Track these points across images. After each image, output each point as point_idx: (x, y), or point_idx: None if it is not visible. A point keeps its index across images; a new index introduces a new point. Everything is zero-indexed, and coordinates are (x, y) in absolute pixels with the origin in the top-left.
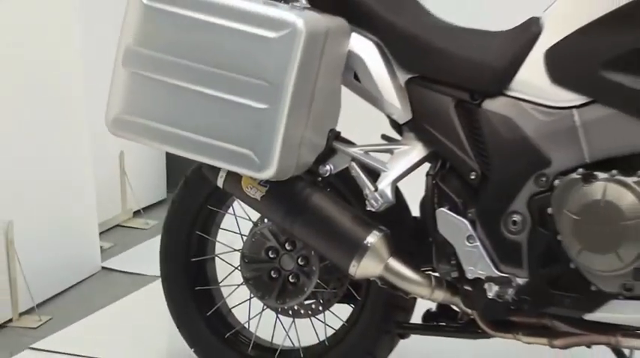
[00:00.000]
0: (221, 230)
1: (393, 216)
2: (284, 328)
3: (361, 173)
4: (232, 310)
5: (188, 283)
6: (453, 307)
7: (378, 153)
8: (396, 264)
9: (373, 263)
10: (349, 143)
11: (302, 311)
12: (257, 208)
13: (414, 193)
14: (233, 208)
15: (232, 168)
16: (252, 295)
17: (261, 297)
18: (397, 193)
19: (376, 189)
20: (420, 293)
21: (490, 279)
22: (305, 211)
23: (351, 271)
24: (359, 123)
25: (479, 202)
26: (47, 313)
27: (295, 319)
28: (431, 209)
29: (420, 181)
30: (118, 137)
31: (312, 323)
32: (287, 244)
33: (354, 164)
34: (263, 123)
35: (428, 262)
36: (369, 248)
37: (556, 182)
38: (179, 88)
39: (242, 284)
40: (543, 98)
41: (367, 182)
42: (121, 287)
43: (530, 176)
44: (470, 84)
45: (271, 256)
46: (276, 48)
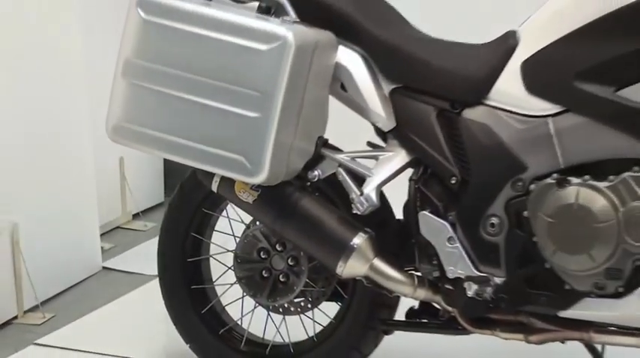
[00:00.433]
0: (215, 232)
1: (378, 219)
2: (275, 325)
3: (348, 178)
4: (226, 308)
5: (184, 282)
6: (435, 305)
7: (364, 159)
8: (381, 264)
9: (359, 263)
10: (336, 150)
11: (292, 308)
12: (249, 211)
13: (398, 197)
14: (227, 211)
15: (226, 173)
16: (244, 293)
17: (253, 295)
18: (382, 197)
19: (362, 194)
20: (404, 291)
21: (470, 279)
22: (294, 214)
23: (338, 271)
24: (346, 131)
25: (459, 206)
26: (51, 310)
27: (285, 316)
28: (414, 212)
29: (404, 186)
30: (118, 144)
31: (301, 320)
32: (277, 245)
33: (341, 169)
34: (255, 130)
35: (411, 262)
36: (355, 249)
37: (532, 186)
38: (175, 98)
39: (235, 283)
40: (520, 107)
41: (353, 187)
42: (121, 286)
43: (507, 181)
44: (450, 94)
45: (263, 257)
46: (267, 60)
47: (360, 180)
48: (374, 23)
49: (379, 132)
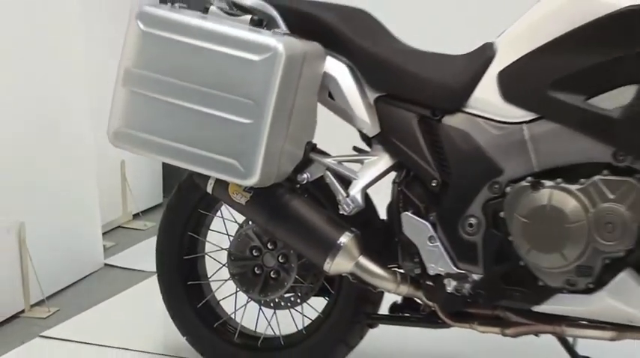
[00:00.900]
0: (210, 231)
1: (363, 219)
2: (266, 318)
3: (335, 181)
4: (220, 302)
5: (181, 278)
6: (417, 300)
7: (350, 163)
8: (366, 262)
9: (345, 260)
10: (324, 154)
11: (282, 303)
12: (242, 212)
13: (382, 198)
14: (221, 212)
15: (220, 176)
16: (237, 289)
17: (245, 291)
18: (367, 198)
19: (348, 195)
20: (387, 287)
21: (449, 275)
22: (285, 215)
23: (326, 268)
24: (333, 136)
25: (439, 207)
26: (55, 305)
27: (276, 310)
28: (397, 213)
29: (387, 188)
30: (119, 148)
31: (291, 314)
32: (269, 244)
33: (329, 173)
34: (247, 136)
35: (394, 260)
36: (342, 247)
37: (508, 189)
38: (173, 105)
39: (229, 279)
40: (496, 114)
41: (340, 189)
42: (122, 281)
43: (484, 183)
44: (431, 102)
45: (255, 254)
46: (259, 69)
47: (347, 183)
48: (360, 35)
49: (364, 137)
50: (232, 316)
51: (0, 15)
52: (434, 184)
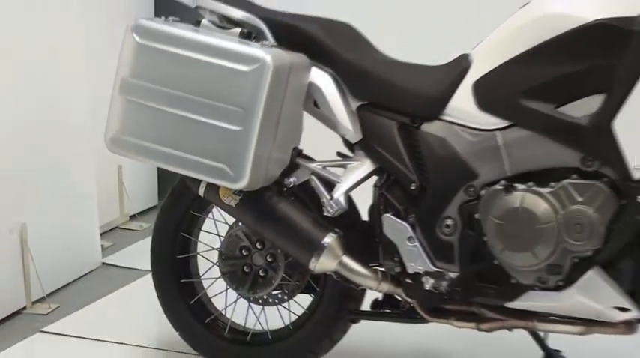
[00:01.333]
0: (202, 232)
1: (346, 221)
2: (255, 314)
3: (319, 184)
4: (211, 299)
5: (174, 277)
6: (397, 297)
7: (334, 167)
8: (349, 261)
9: (329, 260)
10: (309, 159)
11: (270, 300)
12: (232, 214)
13: (364, 201)
14: (212, 213)
15: (211, 180)
16: (228, 286)
17: (235, 288)
18: (350, 201)
19: (332, 198)
20: (369, 285)
21: (427, 273)
22: (272, 216)
23: (311, 266)
24: (318, 142)
25: (418, 209)
26: (56, 301)
27: (264, 306)
28: (378, 214)
29: (369, 191)
30: (116, 154)
31: (278, 310)
32: (257, 244)
33: (314, 177)
34: (237, 142)
35: (375, 259)
36: (326, 247)
37: (482, 192)
38: (167, 113)
39: (220, 277)
40: (472, 122)
41: (324, 192)
42: (119, 280)
43: (460, 187)
44: (411, 110)
45: (244, 254)
46: (248, 79)
47: (331, 186)
48: (343, 47)
49: (347, 143)
50: (223, 312)
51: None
52: (413, 188)
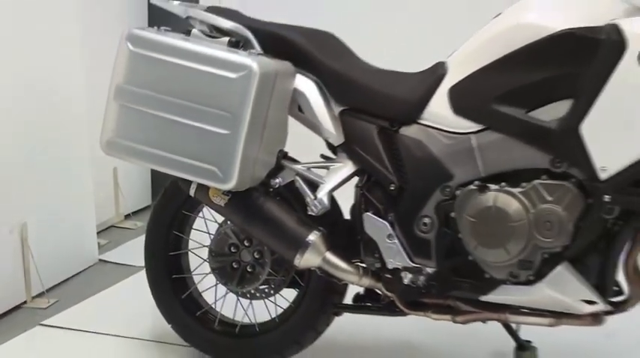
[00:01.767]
0: (193, 230)
1: (329, 219)
2: (243, 308)
3: (304, 185)
4: (202, 294)
5: (167, 272)
6: (377, 291)
7: (317, 169)
8: (332, 257)
9: (313, 256)
10: (294, 161)
11: (257, 294)
12: (221, 213)
13: (346, 201)
14: (202, 213)
15: (201, 181)
16: (217, 282)
17: (224, 283)
18: (332, 201)
19: (316, 198)
20: (351, 280)
21: (406, 269)
22: (259, 215)
23: (296, 262)
24: (302, 145)
25: (397, 208)
26: (55, 296)
27: (252, 300)
28: (359, 213)
29: (351, 191)
30: (111, 156)
31: (265, 304)
32: (245, 241)
33: (298, 178)
34: (225, 145)
35: (357, 255)
36: (310, 244)
37: (457, 192)
38: (159, 118)
39: (210, 273)
40: (447, 126)
41: (308, 192)
42: (115, 275)
43: (437, 187)
44: (390, 114)
45: (233, 251)
46: (236, 86)
47: (314, 187)
48: (326, 55)
49: (330, 146)
50: (213, 306)
51: None
52: (392, 188)
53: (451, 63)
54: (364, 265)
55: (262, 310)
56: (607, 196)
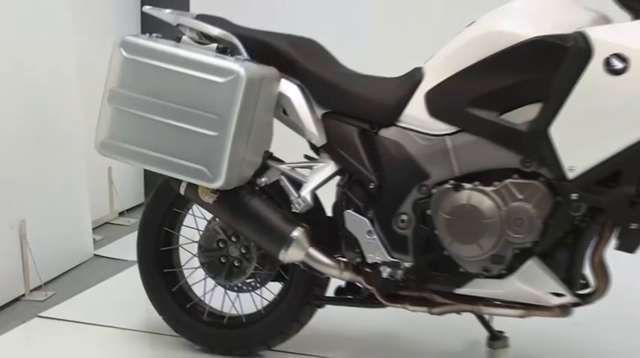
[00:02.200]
0: (183, 226)
1: (313, 216)
2: (230, 300)
3: (288, 184)
4: (191, 287)
5: (158, 267)
6: (358, 284)
7: (301, 168)
8: (314, 252)
9: (297, 251)
10: (279, 161)
11: (244, 287)
12: (210, 210)
13: (328, 199)
14: (192, 210)
15: (191, 180)
16: (206, 275)
17: (213, 277)
18: (315, 199)
19: (299, 196)
20: (333, 273)
21: (384, 263)
22: (246, 212)
23: (281, 257)
24: (287, 146)
25: (376, 206)
26: (52, 289)
27: (239, 293)
28: (340, 211)
29: (333, 190)
30: (105, 157)
31: (251, 296)
32: (233, 237)
33: (283, 177)
34: (214, 146)
35: (338, 250)
36: (294, 240)
37: (433, 190)
38: (151, 120)
39: (199, 267)
40: (424, 128)
41: (293, 191)
42: (109, 270)
43: (414, 186)
44: (369, 117)
45: (221, 246)
46: (224, 90)
47: (298, 185)
48: (309, 61)
49: (313, 147)
50: (202, 298)
51: None
52: (371, 187)
53: (427, 68)
54: (345, 260)
55: (249, 302)
56: (574, 194)
